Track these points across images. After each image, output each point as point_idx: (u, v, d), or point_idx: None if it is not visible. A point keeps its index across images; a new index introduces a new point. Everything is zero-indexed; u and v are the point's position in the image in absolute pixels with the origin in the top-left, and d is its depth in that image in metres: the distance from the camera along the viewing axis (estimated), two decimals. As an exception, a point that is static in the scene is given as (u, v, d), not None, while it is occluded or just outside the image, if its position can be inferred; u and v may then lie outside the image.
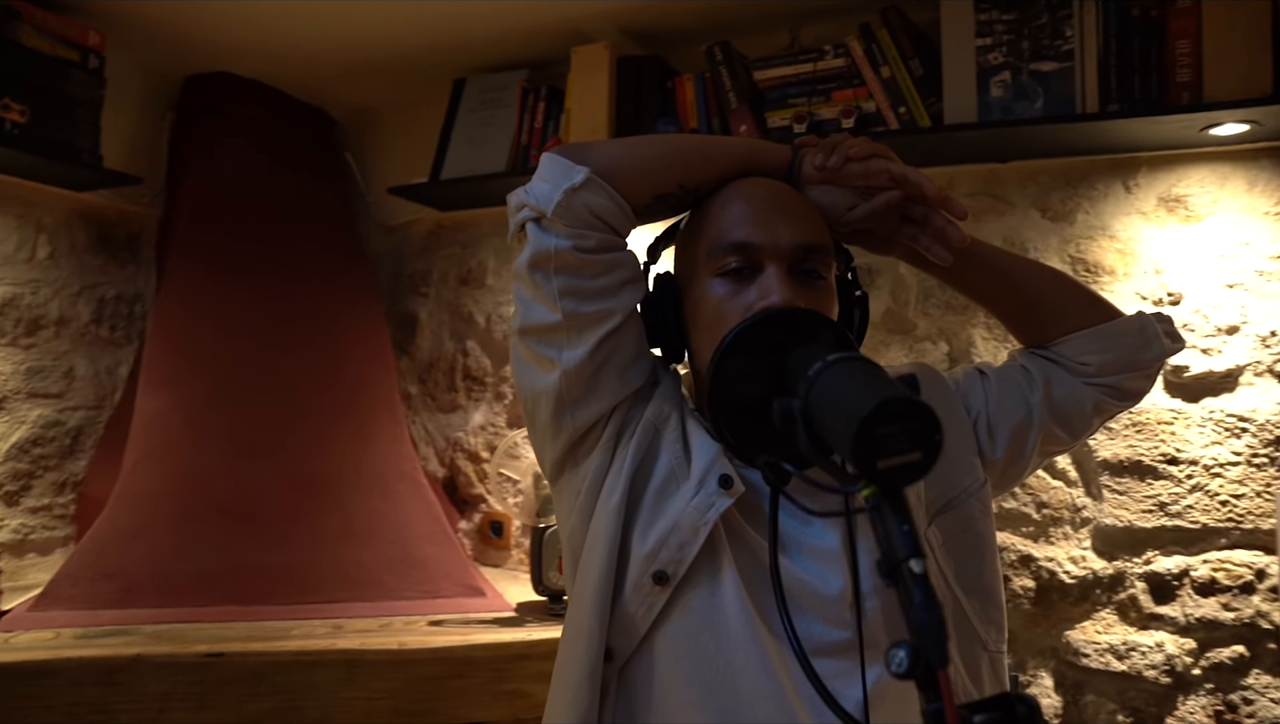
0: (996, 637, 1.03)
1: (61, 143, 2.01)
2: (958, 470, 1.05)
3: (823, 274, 0.97)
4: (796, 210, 0.99)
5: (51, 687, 1.59)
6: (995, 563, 1.06)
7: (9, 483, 2.14)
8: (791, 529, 0.97)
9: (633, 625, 0.93)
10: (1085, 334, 1.08)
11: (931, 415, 0.66)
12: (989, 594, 1.04)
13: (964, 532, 1.03)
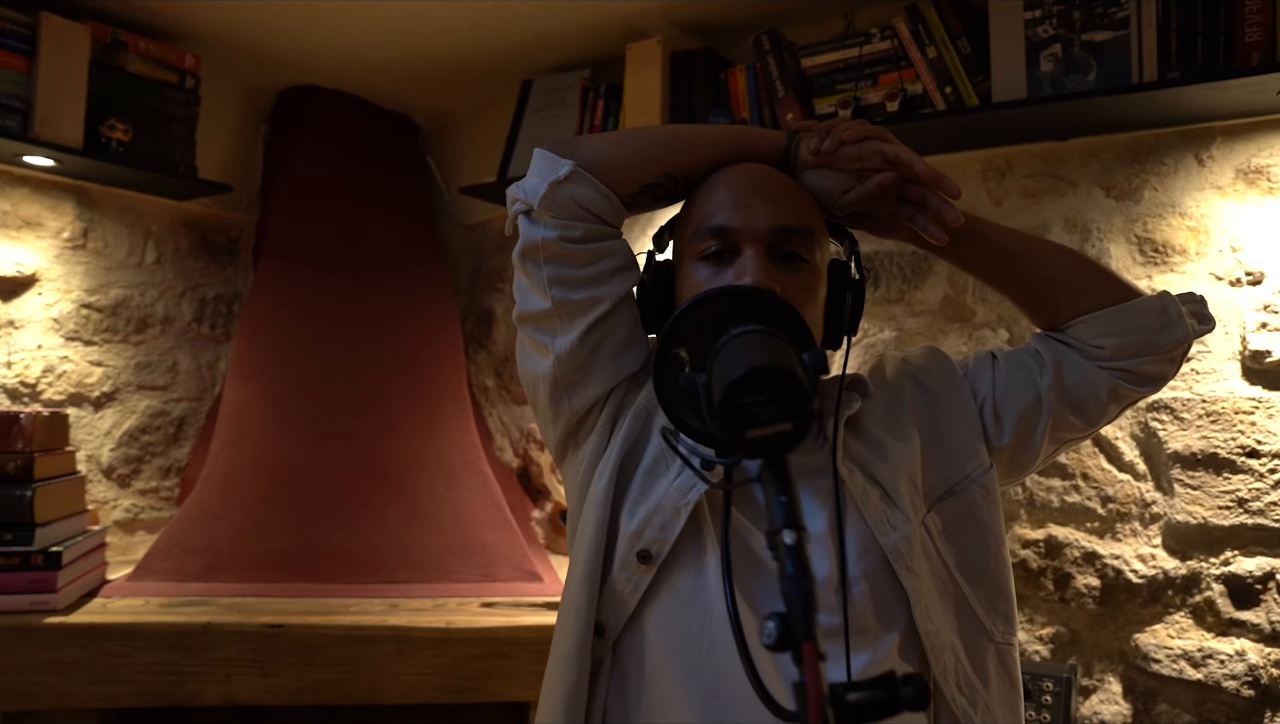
0: (1004, 628, 1.01)
1: (160, 157, 2.22)
2: (960, 456, 1.03)
3: (804, 257, 0.97)
4: (777, 194, 0.99)
5: (135, 647, 1.76)
6: (1001, 552, 1.04)
7: (121, 467, 2.38)
8: None
9: (621, 602, 0.95)
10: (1100, 315, 1.04)
11: (800, 386, 0.66)
12: (995, 584, 1.02)
13: (966, 519, 1.02)
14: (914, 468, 1.02)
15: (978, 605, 1.01)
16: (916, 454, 1.03)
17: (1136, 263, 1.87)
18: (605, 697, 0.94)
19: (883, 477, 0.99)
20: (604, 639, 0.95)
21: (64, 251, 2.28)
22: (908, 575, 0.94)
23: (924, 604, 0.95)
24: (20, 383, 2.20)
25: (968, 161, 2.05)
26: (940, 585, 0.99)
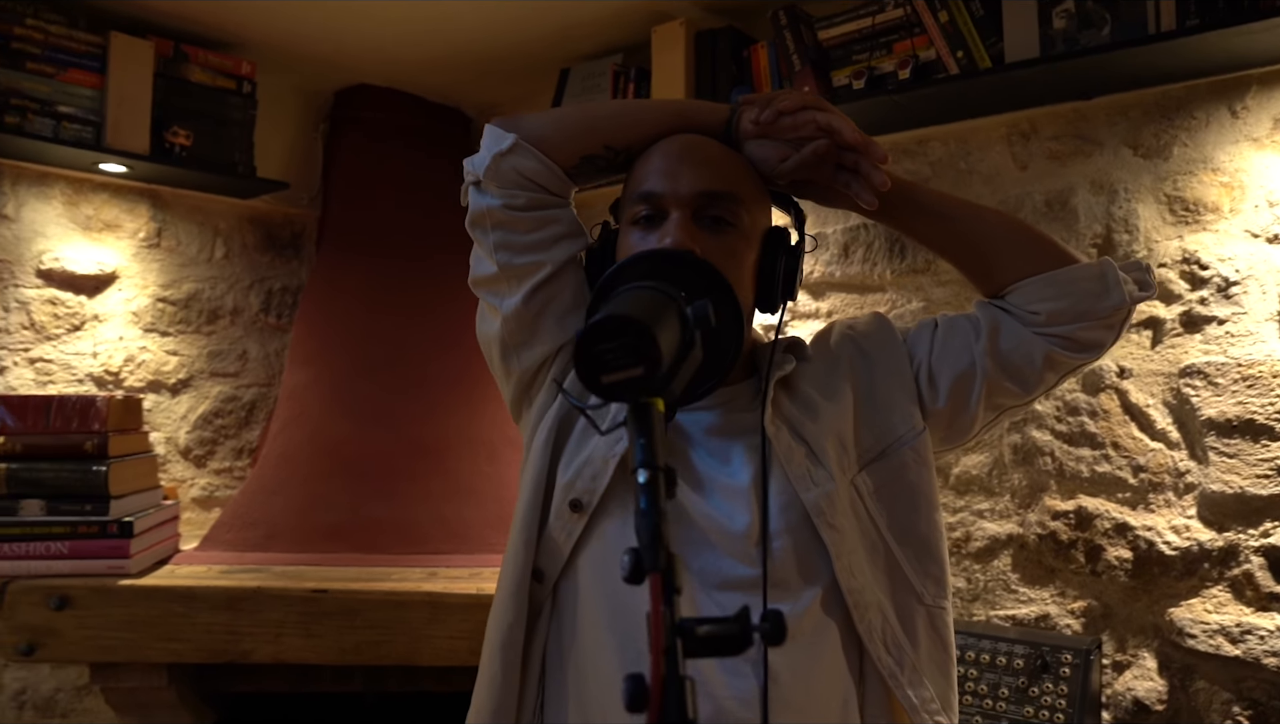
0: (935, 591, 1.04)
1: (220, 159, 2.41)
2: (893, 417, 1.06)
3: (729, 220, 1.01)
4: (705, 160, 1.04)
5: (195, 608, 1.94)
6: (933, 515, 1.06)
7: (196, 448, 2.59)
8: (707, 468, 1.03)
9: (557, 549, 1.02)
10: (1035, 280, 1.05)
11: (645, 331, 0.70)
12: (925, 546, 1.04)
13: (896, 480, 1.05)
14: (843, 428, 1.05)
15: (907, 566, 1.03)
16: (848, 415, 1.06)
17: (1166, 222, 1.81)
18: (545, 639, 1.01)
19: (810, 435, 1.03)
20: (543, 584, 1.02)
21: (140, 250, 2.51)
22: (828, 531, 0.98)
23: (847, 561, 0.98)
24: (105, 371, 2.43)
25: (991, 126, 2.02)
26: (870, 545, 1.03)
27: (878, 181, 1.03)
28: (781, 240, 1.07)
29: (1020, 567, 1.96)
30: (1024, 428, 1.94)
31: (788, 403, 1.06)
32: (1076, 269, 1.05)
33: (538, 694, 1.00)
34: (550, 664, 1.01)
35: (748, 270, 1.04)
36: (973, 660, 1.77)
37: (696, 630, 0.65)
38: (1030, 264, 1.06)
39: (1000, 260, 1.08)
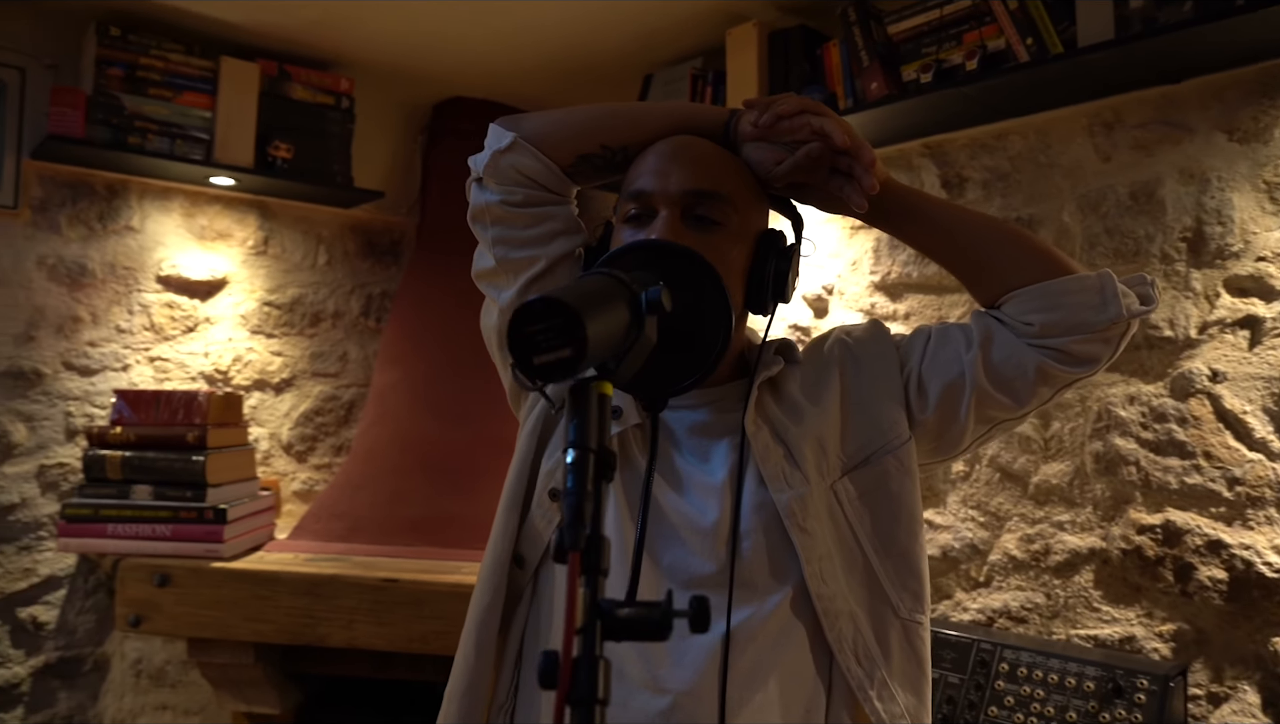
0: (911, 604, 1.02)
1: (319, 170, 2.57)
2: (880, 424, 1.05)
3: (717, 220, 1.02)
4: (695, 160, 1.05)
5: (278, 592, 2.07)
6: (913, 527, 1.04)
7: (298, 444, 2.77)
8: (687, 465, 1.05)
9: (538, 536, 1.05)
10: (1030, 290, 1.02)
11: (572, 313, 0.72)
12: (904, 558, 1.03)
13: (877, 488, 1.04)
14: (826, 433, 1.04)
15: (885, 578, 1.02)
16: (833, 420, 1.05)
17: (1266, 212, 1.67)
18: (524, 624, 1.04)
19: (790, 438, 1.03)
20: (524, 570, 1.05)
21: (249, 257, 2.70)
22: (798, 534, 0.97)
23: (817, 567, 0.97)
24: (215, 370, 2.63)
25: (1072, 117, 1.92)
26: (847, 552, 1.01)
27: (866, 185, 1.03)
28: (774, 243, 1.07)
29: (1103, 583, 1.84)
30: (1106, 435, 1.83)
31: (772, 404, 1.06)
32: (1073, 280, 1.01)
33: (513, 679, 1.02)
34: (527, 650, 1.03)
35: (736, 270, 1.04)
36: (1039, 680, 1.67)
37: (618, 613, 0.66)
38: (1026, 274, 1.03)
39: (995, 269, 1.06)
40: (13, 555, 2.32)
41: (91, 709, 2.41)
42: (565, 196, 1.14)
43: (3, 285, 2.33)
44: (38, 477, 2.36)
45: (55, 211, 2.40)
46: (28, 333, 2.36)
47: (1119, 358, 1.06)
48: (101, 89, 2.28)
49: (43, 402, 2.38)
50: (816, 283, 2.37)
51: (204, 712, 2.47)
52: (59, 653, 2.37)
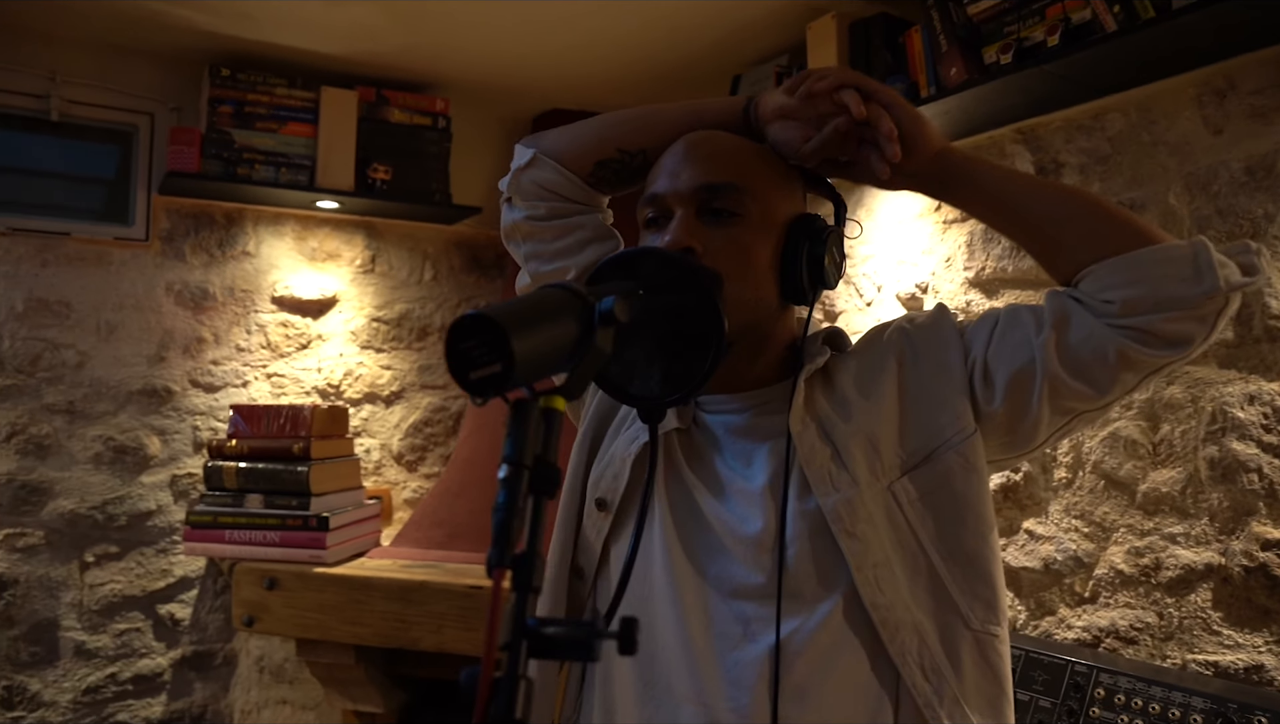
0: (984, 615, 0.95)
1: (417, 189, 2.67)
2: (940, 419, 0.98)
3: (735, 211, 0.99)
4: (708, 154, 1.03)
5: (373, 596, 2.17)
6: (981, 528, 0.97)
7: (408, 454, 2.88)
8: (726, 471, 1.02)
9: (590, 547, 1.05)
10: (1110, 263, 0.92)
11: (498, 330, 0.72)
12: (973, 563, 0.96)
13: (940, 488, 0.97)
14: (877, 430, 0.98)
15: (951, 584, 0.95)
16: (888, 417, 0.99)
17: (1403, 185, 1.47)
18: None
19: (838, 436, 0.97)
20: (584, 582, 1.05)
21: (357, 276, 2.84)
22: (846, 539, 0.92)
23: (871, 573, 0.91)
24: (327, 384, 2.78)
25: (1178, 89, 1.75)
26: (910, 558, 0.95)
27: (889, 154, 0.98)
28: (806, 227, 1.02)
29: (1224, 604, 1.66)
30: (1222, 439, 1.65)
31: (822, 399, 1.01)
32: (1159, 249, 0.91)
33: (578, 692, 1.03)
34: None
35: (762, 260, 1.00)
36: (1139, 709, 1.53)
37: (543, 630, 0.66)
38: (1105, 245, 0.93)
39: (1069, 241, 0.96)
40: (152, 557, 2.54)
41: (223, 700, 2.60)
42: (592, 205, 1.14)
43: (136, 311, 2.54)
44: (170, 486, 2.57)
45: (180, 241, 2.61)
46: (159, 354, 2.57)
47: (1237, 353, 0.95)
48: (213, 126, 2.45)
49: (173, 417, 2.59)
50: (910, 281, 2.26)
51: (318, 708, 2.61)
52: (194, 647, 2.57)
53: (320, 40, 2.44)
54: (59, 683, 2.41)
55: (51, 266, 2.45)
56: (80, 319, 2.48)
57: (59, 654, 2.42)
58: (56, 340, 2.45)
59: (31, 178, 2.47)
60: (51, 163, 2.48)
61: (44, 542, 2.42)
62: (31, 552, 2.40)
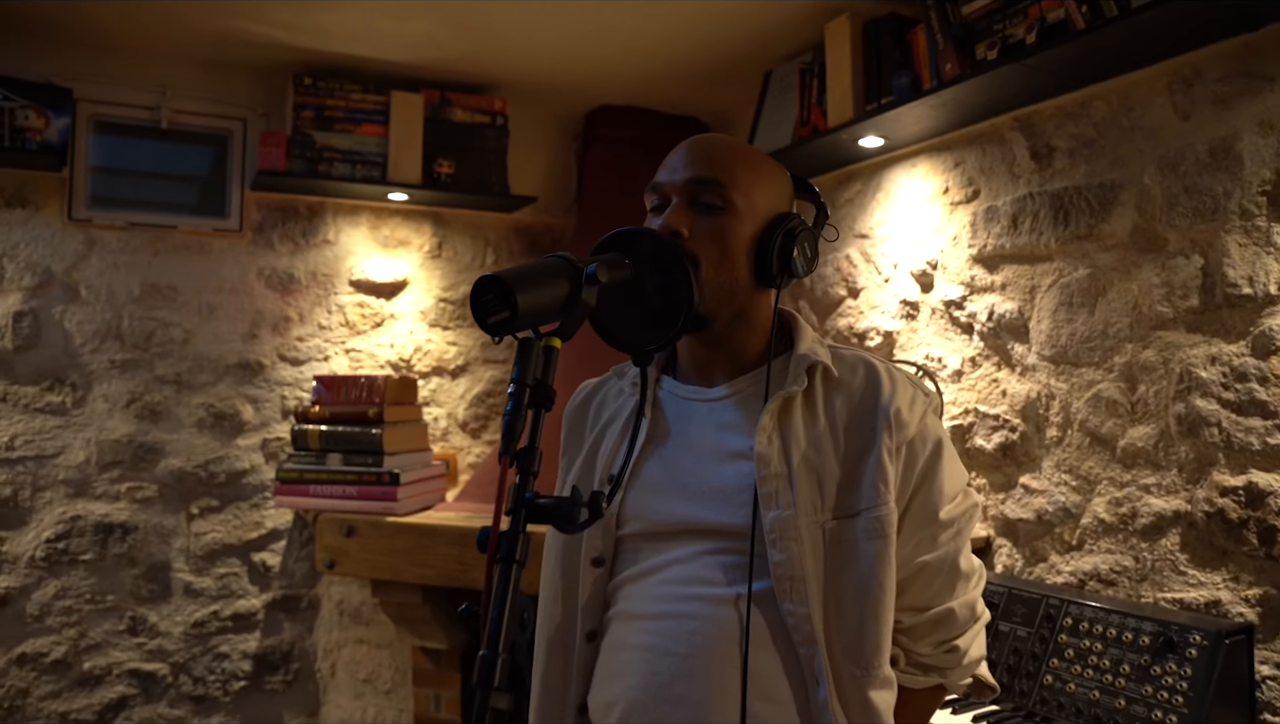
0: (866, 659, 1.11)
1: (478, 181, 2.98)
2: (856, 487, 1.14)
3: (717, 204, 1.18)
4: (702, 154, 1.21)
5: (437, 542, 2.48)
6: (871, 586, 1.11)
7: (472, 422, 3.20)
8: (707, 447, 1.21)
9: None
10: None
11: (504, 287, 0.98)
12: (860, 632, 1.11)
13: (850, 541, 1.13)
14: (826, 472, 1.14)
15: (839, 622, 1.12)
16: (839, 465, 1.15)
17: (1343, 162, 1.63)
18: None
19: (796, 461, 1.13)
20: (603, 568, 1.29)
21: (426, 261, 3.16)
22: (771, 549, 1.10)
23: (787, 584, 1.09)
24: (399, 358, 3.11)
25: (1153, 78, 1.92)
26: (822, 583, 1.12)
27: None
28: (783, 223, 1.19)
29: (1189, 547, 1.84)
30: (1188, 397, 1.84)
31: (799, 420, 1.17)
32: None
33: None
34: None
35: (739, 248, 1.17)
36: (1099, 634, 1.74)
37: (538, 502, 0.95)
38: None
39: None
40: (247, 511, 2.90)
41: (308, 639, 2.96)
42: None
43: (232, 293, 2.91)
44: (262, 448, 2.93)
45: (269, 232, 2.96)
46: (251, 331, 2.93)
47: (1201, 318, 1.11)
48: (298, 128, 2.79)
49: (264, 387, 2.95)
50: (921, 259, 2.47)
51: (391, 647, 2.94)
52: (282, 591, 2.93)
53: (390, 50, 2.76)
54: (172, 617, 2.80)
55: (161, 256, 2.83)
56: (185, 301, 2.86)
57: (171, 592, 2.81)
58: (166, 320, 2.83)
59: (144, 179, 2.85)
60: (161, 165, 2.86)
61: (158, 494, 2.80)
62: (148, 503, 2.79)
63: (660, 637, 1.13)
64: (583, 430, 1.35)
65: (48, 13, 2.53)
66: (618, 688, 1.15)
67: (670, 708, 1.10)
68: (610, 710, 1.15)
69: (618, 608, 1.20)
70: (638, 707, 1.12)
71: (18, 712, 2.62)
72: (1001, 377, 2.26)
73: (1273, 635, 1.69)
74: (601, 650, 1.20)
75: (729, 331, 1.21)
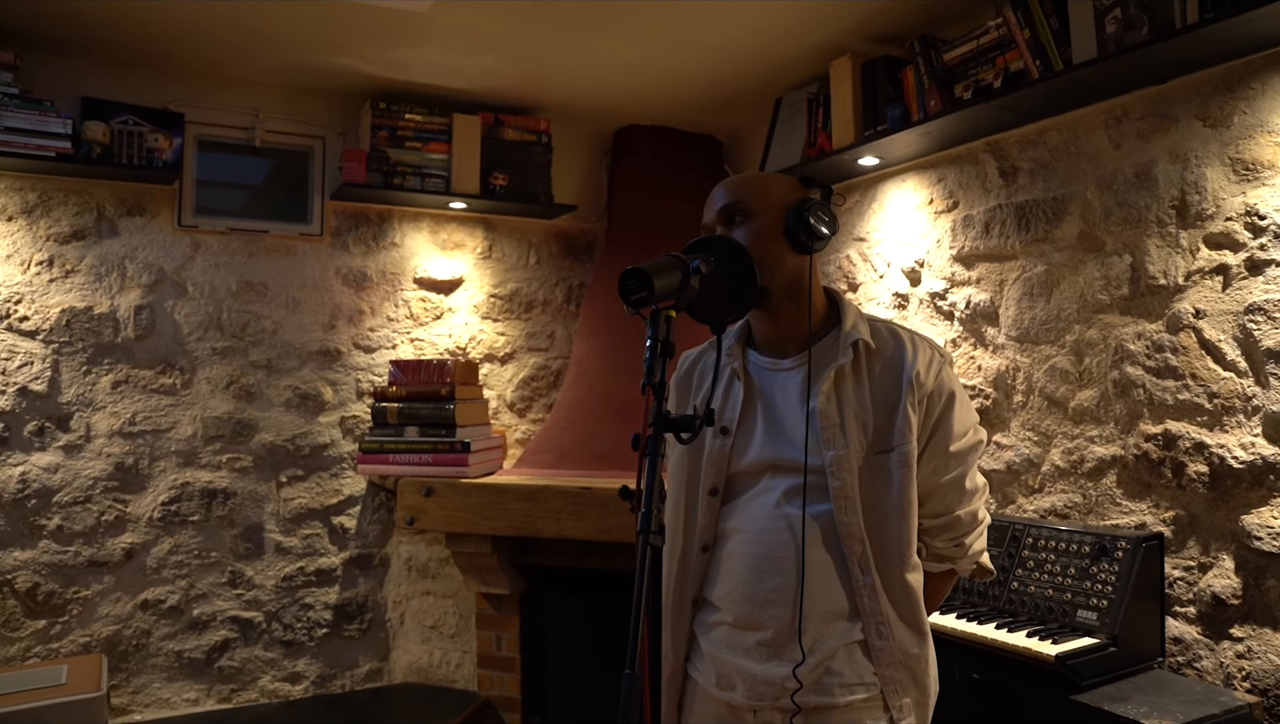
0: (901, 554, 1.52)
1: (527, 191, 3.53)
2: (889, 430, 1.59)
3: (743, 218, 1.64)
4: (726, 190, 1.68)
5: (506, 498, 3.02)
6: (901, 502, 1.52)
7: (519, 403, 3.75)
8: (782, 405, 1.73)
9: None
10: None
11: (644, 275, 1.52)
12: (894, 526, 1.53)
13: (881, 472, 1.53)
14: (868, 419, 1.54)
15: (883, 529, 1.59)
16: (879, 415, 1.55)
17: (1230, 181, 2.22)
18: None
19: (847, 413, 1.53)
20: (716, 498, 1.75)
21: (478, 261, 3.72)
22: (831, 479, 1.56)
23: (843, 502, 1.53)
24: (456, 346, 3.66)
25: (1094, 115, 2.51)
26: (863, 500, 1.59)
27: None
28: (798, 206, 1.63)
29: (1123, 483, 2.43)
30: (1121, 365, 2.42)
31: (849, 381, 1.55)
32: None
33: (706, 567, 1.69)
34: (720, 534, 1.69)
35: (771, 236, 1.62)
36: (1052, 547, 2.31)
37: (669, 416, 1.48)
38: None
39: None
40: (327, 479, 3.44)
41: (380, 592, 3.50)
42: None
43: (314, 290, 3.45)
44: (339, 425, 3.47)
45: (345, 235, 3.50)
46: (330, 323, 3.47)
47: (1131, 303, 1.63)
48: (375, 147, 3.34)
49: (341, 372, 3.49)
50: (910, 258, 3.05)
51: (455, 596, 3.48)
52: (358, 550, 3.47)
53: (455, 79, 3.31)
54: (265, 571, 3.33)
55: (255, 257, 3.36)
56: (274, 296, 3.39)
57: (264, 550, 3.34)
58: (258, 312, 3.37)
59: (241, 190, 3.38)
60: (254, 177, 3.39)
61: (252, 465, 3.33)
62: (244, 472, 3.32)
63: (756, 544, 1.59)
64: (689, 390, 1.84)
65: (163, 47, 3.06)
66: (730, 582, 1.62)
67: (765, 592, 1.58)
68: (727, 598, 1.62)
69: (726, 525, 1.60)
70: (742, 591, 1.60)
71: (142, 648, 3.14)
72: (977, 354, 2.84)
73: (1181, 547, 2.28)
74: (714, 558, 1.61)
75: (784, 303, 1.61)
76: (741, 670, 1.55)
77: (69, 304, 3.10)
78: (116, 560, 3.12)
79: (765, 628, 1.53)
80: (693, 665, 1.63)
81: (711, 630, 1.60)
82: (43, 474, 3.04)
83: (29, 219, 3.05)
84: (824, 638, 1.52)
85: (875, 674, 1.52)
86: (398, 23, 2.82)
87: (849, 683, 1.51)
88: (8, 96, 2.76)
